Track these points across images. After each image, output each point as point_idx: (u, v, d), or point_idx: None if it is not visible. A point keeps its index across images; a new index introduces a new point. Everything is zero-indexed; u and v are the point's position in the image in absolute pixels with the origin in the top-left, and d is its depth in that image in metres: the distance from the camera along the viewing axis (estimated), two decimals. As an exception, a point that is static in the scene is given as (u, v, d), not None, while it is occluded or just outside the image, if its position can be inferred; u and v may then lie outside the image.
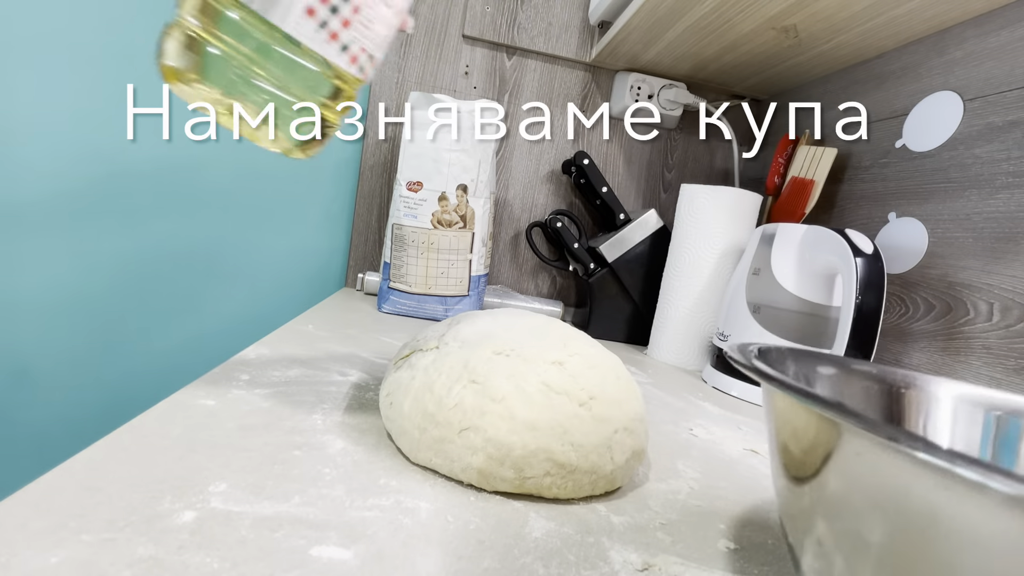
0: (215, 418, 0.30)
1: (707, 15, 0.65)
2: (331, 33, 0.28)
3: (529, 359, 0.30)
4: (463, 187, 0.70)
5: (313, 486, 0.25)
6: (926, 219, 0.58)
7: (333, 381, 0.40)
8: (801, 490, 0.19)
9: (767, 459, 0.40)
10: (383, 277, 0.74)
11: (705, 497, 0.31)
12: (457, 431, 0.27)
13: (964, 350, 0.52)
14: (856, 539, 0.16)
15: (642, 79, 0.86)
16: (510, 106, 0.89)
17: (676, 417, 0.46)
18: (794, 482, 0.19)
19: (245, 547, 0.20)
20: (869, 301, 0.49)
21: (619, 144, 0.93)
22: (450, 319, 0.36)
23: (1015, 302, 0.48)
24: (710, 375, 0.62)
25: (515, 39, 0.86)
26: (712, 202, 0.68)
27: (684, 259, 0.70)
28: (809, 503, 0.18)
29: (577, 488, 0.28)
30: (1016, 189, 0.49)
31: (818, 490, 0.17)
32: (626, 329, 0.81)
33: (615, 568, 0.23)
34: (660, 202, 0.95)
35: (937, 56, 0.60)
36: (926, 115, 0.60)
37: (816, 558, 0.18)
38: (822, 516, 0.17)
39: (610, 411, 0.29)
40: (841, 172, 0.71)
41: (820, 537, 0.18)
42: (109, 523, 0.20)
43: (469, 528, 0.24)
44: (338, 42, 0.28)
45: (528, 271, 0.93)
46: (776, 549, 0.27)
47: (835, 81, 0.76)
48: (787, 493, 0.20)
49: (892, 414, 0.29)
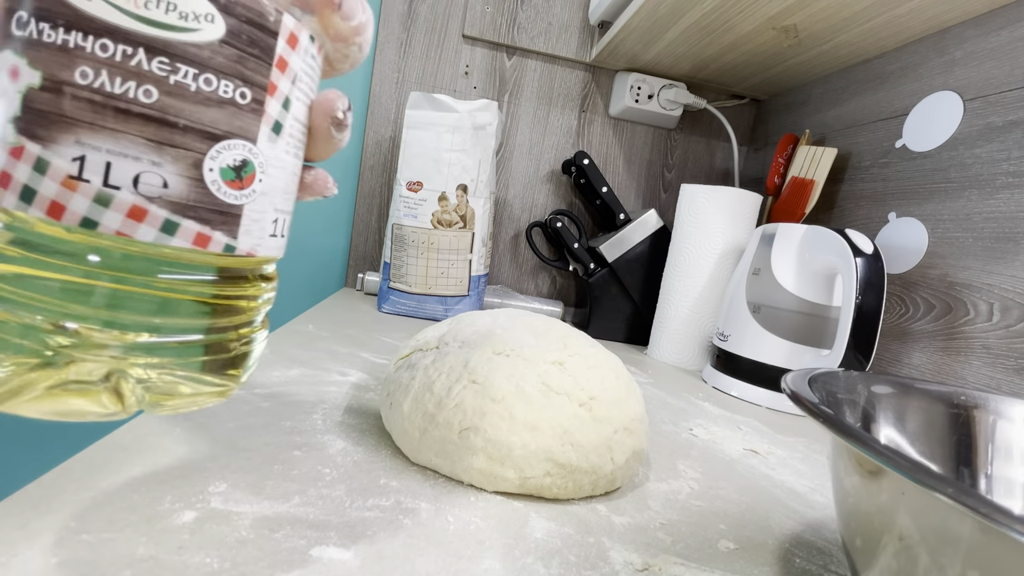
0: (215, 418, 0.30)
1: (707, 15, 0.65)
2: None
3: (529, 359, 0.30)
4: (463, 187, 0.70)
5: (313, 486, 0.25)
6: (926, 219, 0.58)
7: (333, 381, 0.40)
8: (879, 485, 0.18)
9: (767, 459, 0.40)
10: (383, 277, 0.74)
11: (705, 497, 0.31)
12: (457, 431, 0.27)
13: (964, 350, 0.52)
14: (944, 533, 0.15)
15: (642, 79, 0.86)
16: (510, 106, 0.89)
17: (676, 417, 0.46)
18: (870, 477, 0.18)
19: (245, 547, 0.20)
20: (869, 301, 0.49)
21: (619, 144, 0.93)
22: (450, 319, 0.36)
23: (1015, 302, 0.48)
24: (710, 375, 0.62)
25: (515, 39, 0.86)
26: (712, 202, 0.68)
27: (684, 259, 0.70)
28: (889, 498, 0.17)
29: (577, 488, 0.28)
30: (1016, 189, 0.49)
31: (902, 483, 0.16)
32: (626, 329, 0.81)
33: (615, 568, 0.23)
34: (660, 202, 0.95)
35: (937, 56, 0.60)
36: (926, 115, 0.60)
37: (896, 556, 0.17)
38: (906, 510, 0.17)
39: (610, 411, 0.29)
40: (841, 172, 0.72)
41: (902, 532, 0.17)
42: (109, 523, 0.20)
43: (469, 528, 0.24)
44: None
45: (528, 271, 0.93)
46: (776, 549, 0.27)
47: (835, 81, 0.76)
48: (860, 490, 0.19)
49: (960, 441, 0.29)
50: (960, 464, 0.28)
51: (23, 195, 0.14)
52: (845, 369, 0.30)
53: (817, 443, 0.46)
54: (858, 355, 0.49)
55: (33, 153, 0.14)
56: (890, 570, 0.18)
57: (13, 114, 0.14)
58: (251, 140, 0.16)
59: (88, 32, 0.14)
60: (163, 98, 0.14)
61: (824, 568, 0.26)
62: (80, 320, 0.14)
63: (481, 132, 0.70)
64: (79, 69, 0.14)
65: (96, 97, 0.14)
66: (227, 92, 0.15)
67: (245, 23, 0.15)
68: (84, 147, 0.14)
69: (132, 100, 0.14)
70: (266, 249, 0.18)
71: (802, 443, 0.45)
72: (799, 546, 0.27)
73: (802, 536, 0.28)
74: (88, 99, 0.14)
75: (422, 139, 0.70)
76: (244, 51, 0.15)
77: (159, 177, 0.15)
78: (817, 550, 0.27)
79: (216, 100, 0.15)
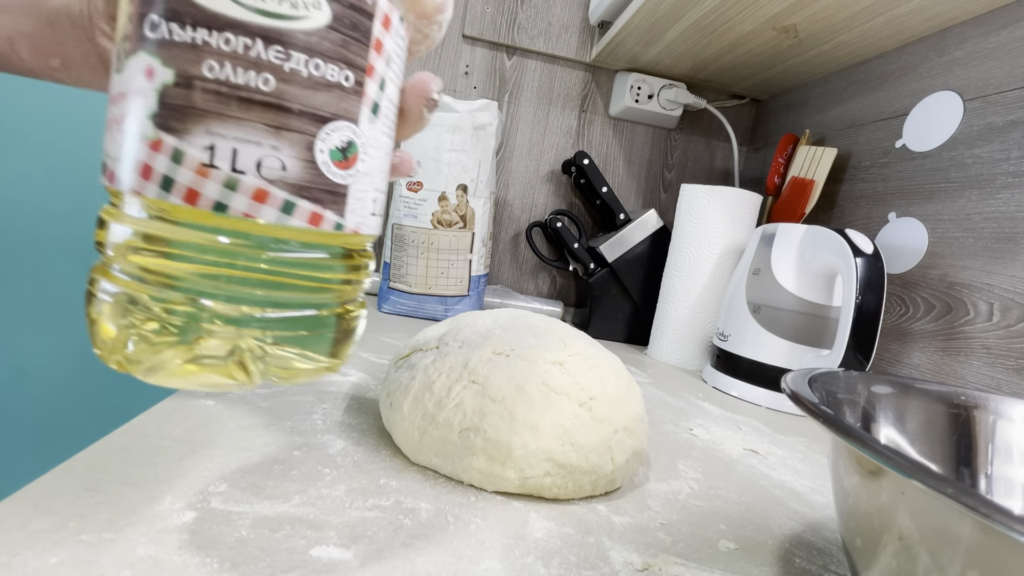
0: (215, 418, 0.30)
1: (707, 15, 0.65)
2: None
3: (529, 359, 0.30)
4: (463, 187, 0.70)
5: (313, 486, 0.25)
6: (926, 219, 0.58)
7: (333, 381, 0.40)
8: (879, 485, 0.18)
9: (767, 459, 0.40)
10: (383, 277, 0.74)
11: (705, 497, 0.31)
12: (457, 431, 0.27)
13: (964, 350, 0.52)
14: (944, 533, 0.15)
15: (642, 79, 0.86)
16: (510, 106, 0.89)
17: (676, 417, 0.46)
18: (870, 477, 0.18)
19: (245, 547, 0.20)
20: (869, 301, 0.49)
21: (619, 144, 0.93)
22: (450, 319, 0.36)
23: (1015, 302, 0.48)
24: (710, 375, 0.62)
25: (515, 39, 0.86)
26: (712, 202, 0.68)
27: (684, 259, 0.70)
28: (889, 498, 0.17)
29: (577, 488, 0.28)
30: (1016, 189, 0.49)
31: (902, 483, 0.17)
32: (626, 329, 0.81)
33: (615, 568, 0.23)
34: (660, 202, 0.95)
35: (937, 56, 0.60)
36: (926, 115, 0.60)
37: (896, 556, 0.17)
38: (906, 510, 0.17)
39: (610, 411, 0.29)
40: (841, 172, 0.72)
41: (902, 532, 0.17)
42: (109, 523, 0.20)
43: (469, 528, 0.24)
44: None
45: (528, 271, 0.92)
46: (776, 549, 0.27)
47: (835, 81, 0.76)
48: (860, 490, 0.19)
49: (960, 441, 0.28)
50: (960, 464, 0.28)
51: (163, 184, 0.15)
52: (845, 369, 0.30)
53: (817, 443, 0.46)
54: (858, 355, 0.49)
55: (170, 145, 0.15)
56: (890, 570, 0.18)
57: (150, 110, 0.15)
58: (354, 121, 0.17)
59: (212, 27, 0.15)
60: (279, 85, 0.15)
61: (824, 568, 0.26)
62: (210, 297, 0.16)
63: (481, 132, 0.70)
64: (206, 63, 0.15)
65: (222, 88, 0.15)
66: (333, 76, 0.16)
67: (347, 7, 0.16)
68: (213, 136, 0.15)
69: (253, 89, 0.15)
70: (368, 227, 0.19)
71: (802, 443, 0.45)
72: (799, 546, 0.27)
73: (802, 536, 0.28)
74: (215, 91, 0.15)
75: (422, 139, 0.70)
76: (347, 35, 0.16)
77: (278, 160, 0.16)
78: (817, 550, 0.27)
79: (324, 84, 0.16)
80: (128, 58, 0.15)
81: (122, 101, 0.16)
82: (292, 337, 0.17)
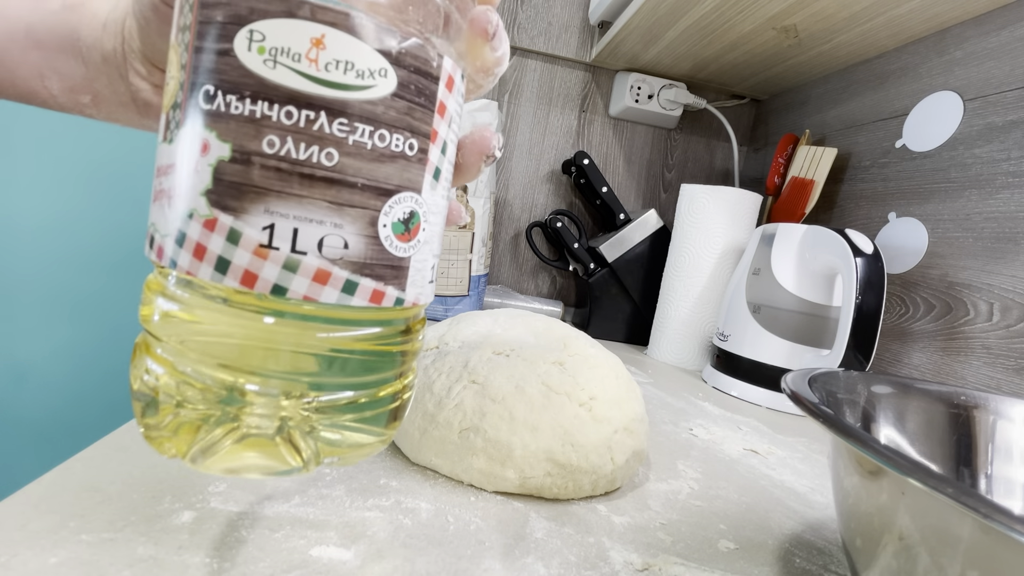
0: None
1: (707, 15, 0.65)
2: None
3: (529, 359, 0.30)
4: (463, 187, 0.70)
5: (313, 486, 0.25)
6: (926, 219, 0.58)
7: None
8: (879, 485, 0.18)
9: (767, 459, 0.40)
10: (383, 277, 0.74)
11: (705, 497, 0.31)
12: (457, 431, 0.27)
13: (964, 350, 0.52)
14: (944, 533, 0.15)
15: (642, 79, 0.86)
16: (510, 106, 0.89)
17: (676, 417, 0.46)
18: (870, 477, 0.18)
19: (245, 547, 0.20)
20: (869, 301, 0.49)
21: (619, 144, 0.93)
22: (450, 319, 0.36)
23: (1015, 302, 0.48)
24: (710, 375, 0.62)
25: (515, 39, 0.86)
26: (712, 202, 0.68)
27: (684, 259, 0.70)
28: (889, 498, 0.17)
29: (577, 488, 0.28)
30: (1016, 189, 0.49)
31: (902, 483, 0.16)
32: (626, 329, 0.81)
33: (615, 568, 0.23)
34: (660, 202, 0.95)
35: (937, 56, 0.60)
36: (926, 115, 0.60)
37: (896, 556, 0.17)
38: (906, 510, 0.17)
39: (610, 411, 0.29)
40: (841, 172, 0.71)
41: (902, 532, 0.17)
42: (109, 523, 0.20)
43: (469, 528, 0.24)
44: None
45: (528, 271, 0.92)
46: (776, 549, 0.27)
47: (835, 81, 0.76)
48: (860, 490, 0.19)
49: (960, 441, 0.28)
50: (960, 464, 0.28)
51: (218, 266, 0.14)
52: (845, 369, 0.30)
53: (817, 443, 0.46)
54: (858, 355, 0.49)
55: (226, 224, 0.14)
56: (890, 570, 0.18)
57: (205, 187, 0.14)
58: (417, 191, 0.16)
59: (273, 100, 0.14)
60: (343, 159, 0.14)
61: (824, 568, 0.26)
62: (260, 379, 0.15)
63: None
64: (266, 138, 0.14)
65: (283, 165, 0.14)
66: (398, 145, 0.15)
67: (413, 72, 0.15)
68: (273, 215, 0.14)
69: (316, 164, 0.14)
70: (426, 296, 0.18)
71: (802, 443, 0.45)
72: (799, 546, 0.27)
73: (802, 536, 0.28)
74: (275, 167, 0.14)
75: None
76: (412, 101, 0.15)
77: (340, 239, 0.15)
78: (817, 550, 0.27)
79: (389, 155, 0.15)
80: (179, 129, 0.14)
81: (172, 174, 0.14)
82: (346, 415, 0.16)
